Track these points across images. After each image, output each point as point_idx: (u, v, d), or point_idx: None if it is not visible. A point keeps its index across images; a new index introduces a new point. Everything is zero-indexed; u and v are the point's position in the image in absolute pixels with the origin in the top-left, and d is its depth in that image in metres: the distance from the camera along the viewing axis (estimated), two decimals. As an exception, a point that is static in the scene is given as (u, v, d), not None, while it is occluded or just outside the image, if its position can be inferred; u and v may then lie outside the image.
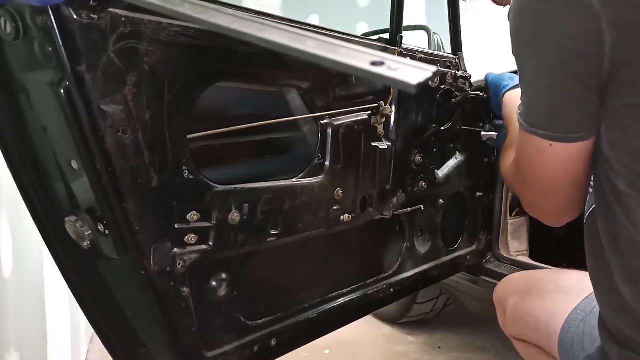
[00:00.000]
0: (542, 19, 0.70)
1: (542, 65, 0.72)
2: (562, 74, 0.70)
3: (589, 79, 0.68)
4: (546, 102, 0.74)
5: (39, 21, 0.63)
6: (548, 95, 0.73)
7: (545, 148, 0.76)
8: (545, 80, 0.73)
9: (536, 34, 0.72)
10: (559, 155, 0.76)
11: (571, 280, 1.09)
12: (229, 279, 0.93)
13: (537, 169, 0.81)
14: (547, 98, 0.74)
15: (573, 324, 0.98)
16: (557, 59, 0.70)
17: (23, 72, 0.71)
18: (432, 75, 0.34)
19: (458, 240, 1.57)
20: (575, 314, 0.99)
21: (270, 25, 0.44)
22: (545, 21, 0.70)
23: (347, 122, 1.07)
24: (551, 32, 0.70)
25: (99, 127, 0.68)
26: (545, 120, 0.75)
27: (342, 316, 1.18)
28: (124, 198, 0.73)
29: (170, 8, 0.50)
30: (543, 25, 0.71)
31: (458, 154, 1.45)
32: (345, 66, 0.37)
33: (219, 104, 0.96)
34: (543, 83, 0.73)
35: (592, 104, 0.70)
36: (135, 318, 0.88)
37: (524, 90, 0.78)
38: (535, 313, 1.08)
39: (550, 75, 0.72)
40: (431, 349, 2.23)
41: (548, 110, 0.75)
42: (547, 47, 0.71)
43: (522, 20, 0.74)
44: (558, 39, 0.69)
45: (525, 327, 1.11)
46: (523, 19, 0.74)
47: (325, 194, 1.05)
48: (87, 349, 2.06)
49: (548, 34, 0.70)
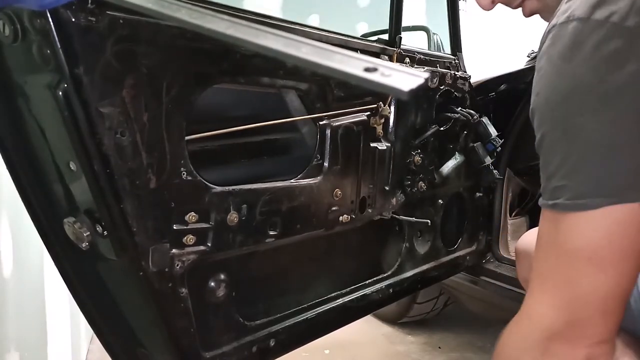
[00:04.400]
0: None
1: (620, 121, 0.64)
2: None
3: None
4: (630, 158, 0.64)
5: (37, 24, 0.63)
6: (631, 149, 0.64)
7: (632, 215, 0.65)
8: (625, 135, 0.64)
9: (607, 93, 0.64)
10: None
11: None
12: (227, 280, 0.93)
13: (620, 246, 0.67)
14: (629, 153, 0.64)
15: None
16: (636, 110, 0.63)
17: (21, 74, 0.71)
18: (424, 82, 0.34)
19: (458, 241, 1.57)
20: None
21: (266, 30, 0.44)
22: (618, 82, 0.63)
23: (345, 123, 1.07)
24: (628, 87, 0.63)
25: (97, 129, 0.69)
26: (633, 178, 0.65)
27: (341, 316, 1.18)
28: (122, 199, 0.73)
29: (167, 13, 0.50)
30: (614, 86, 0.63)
31: (457, 154, 1.45)
32: (339, 72, 0.37)
33: (216, 105, 0.96)
34: (621, 139, 0.64)
35: None
36: (134, 319, 0.89)
37: (593, 154, 0.66)
38: None
39: (630, 131, 0.64)
40: (431, 349, 2.23)
41: (632, 166, 0.64)
42: (623, 103, 0.63)
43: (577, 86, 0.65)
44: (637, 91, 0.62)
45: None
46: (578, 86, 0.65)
47: (324, 194, 1.05)
48: (86, 349, 2.07)
49: (623, 90, 0.63)
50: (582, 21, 0.64)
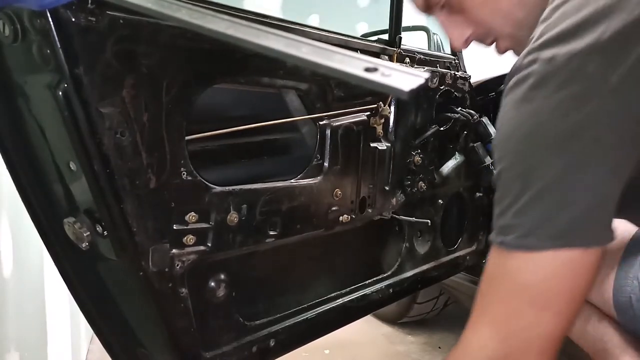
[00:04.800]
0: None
1: (576, 165, 0.64)
2: (602, 169, 0.64)
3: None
4: (582, 204, 0.65)
5: (38, 24, 0.63)
6: (584, 195, 0.64)
7: (579, 259, 0.66)
8: (581, 179, 0.64)
9: (566, 135, 0.64)
10: (592, 262, 0.67)
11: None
12: (227, 280, 0.93)
13: (564, 289, 0.68)
14: (583, 198, 0.65)
15: (625, 282, 0.92)
16: (595, 155, 0.63)
17: (21, 74, 0.71)
18: (424, 82, 0.34)
19: (458, 241, 1.57)
20: (623, 271, 0.93)
21: (266, 30, 0.44)
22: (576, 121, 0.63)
23: (345, 123, 1.07)
24: (587, 131, 0.63)
25: (97, 129, 0.69)
26: (583, 224, 0.65)
27: (341, 316, 1.18)
28: (122, 199, 0.73)
29: (167, 13, 0.50)
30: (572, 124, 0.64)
31: (457, 154, 1.45)
32: (339, 72, 0.37)
33: (217, 105, 0.96)
34: (577, 184, 0.65)
35: (619, 194, 0.66)
36: (134, 319, 0.89)
37: (545, 196, 0.66)
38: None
39: (589, 173, 0.64)
40: (431, 349, 2.23)
41: (583, 212, 0.65)
42: (580, 146, 0.64)
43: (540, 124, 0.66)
44: (597, 135, 0.63)
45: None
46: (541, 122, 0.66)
47: (324, 194, 1.05)
48: (87, 349, 2.06)
49: (582, 134, 0.63)
50: (544, 63, 0.65)
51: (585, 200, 0.64)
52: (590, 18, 0.63)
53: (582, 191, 0.64)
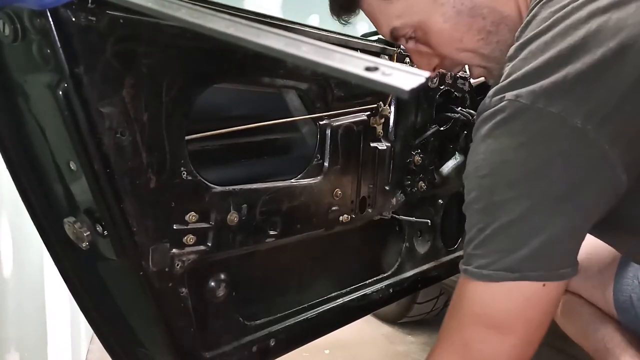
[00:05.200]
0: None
1: (538, 202, 0.66)
2: (564, 207, 0.65)
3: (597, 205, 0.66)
4: (541, 239, 0.66)
5: (37, 23, 0.63)
6: (544, 231, 0.66)
7: (536, 292, 0.68)
8: (541, 216, 0.66)
9: (529, 173, 0.67)
10: (552, 295, 0.69)
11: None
12: (227, 280, 0.93)
13: (524, 317, 0.70)
14: (542, 234, 0.66)
15: (625, 282, 0.94)
16: (557, 193, 0.65)
17: (21, 74, 0.71)
18: (425, 81, 0.34)
19: (458, 241, 1.57)
20: (624, 271, 0.95)
21: (267, 30, 0.44)
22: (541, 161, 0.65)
23: (346, 122, 1.07)
24: (551, 169, 0.65)
25: (97, 129, 0.69)
26: (540, 259, 0.67)
27: (341, 316, 1.18)
28: (122, 199, 0.73)
29: (168, 13, 0.50)
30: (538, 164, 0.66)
31: (457, 154, 1.45)
32: (340, 72, 0.37)
33: (217, 105, 0.96)
34: (537, 220, 0.66)
35: (585, 231, 0.68)
36: (134, 318, 0.89)
37: (505, 230, 0.68)
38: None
39: (549, 210, 0.66)
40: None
41: (541, 247, 0.66)
42: (543, 184, 0.66)
43: (505, 162, 0.68)
44: (561, 174, 0.65)
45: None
46: (506, 160, 0.68)
47: (324, 194, 1.05)
48: (86, 349, 2.06)
49: (545, 172, 0.66)
50: (511, 102, 0.66)
51: (545, 236, 0.66)
52: (554, 59, 0.64)
53: (542, 228, 0.66)
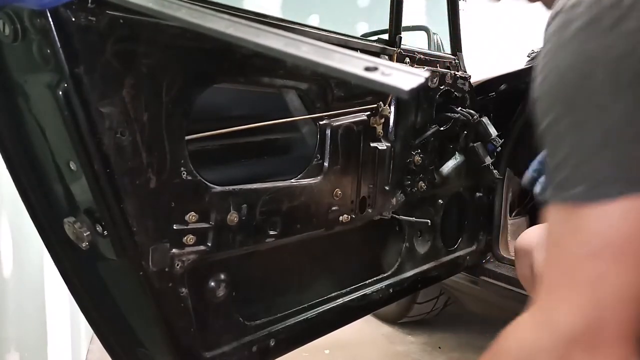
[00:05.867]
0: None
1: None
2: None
3: None
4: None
5: (38, 23, 0.63)
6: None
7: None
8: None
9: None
10: None
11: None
12: (227, 280, 0.93)
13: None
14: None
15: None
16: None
17: (21, 74, 0.71)
18: (424, 81, 0.34)
19: (458, 241, 1.57)
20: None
21: (266, 30, 0.44)
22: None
23: (346, 122, 1.07)
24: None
25: (97, 129, 0.69)
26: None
27: (341, 316, 1.18)
28: (122, 199, 0.73)
29: (167, 13, 0.50)
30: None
31: (457, 154, 1.45)
32: (339, 72, 0.37)
33: (217, 105, 0.96)
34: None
35: None
36: (134, 318, 0.89)
37: (603, 146, 0.60)
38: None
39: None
40: (431, 349, 2.23)
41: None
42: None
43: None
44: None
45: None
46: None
47: (324, 194, 1.05)
48: (86, 349, 2.06)
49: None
50: (595, 1, 0.59)
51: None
52: None
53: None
